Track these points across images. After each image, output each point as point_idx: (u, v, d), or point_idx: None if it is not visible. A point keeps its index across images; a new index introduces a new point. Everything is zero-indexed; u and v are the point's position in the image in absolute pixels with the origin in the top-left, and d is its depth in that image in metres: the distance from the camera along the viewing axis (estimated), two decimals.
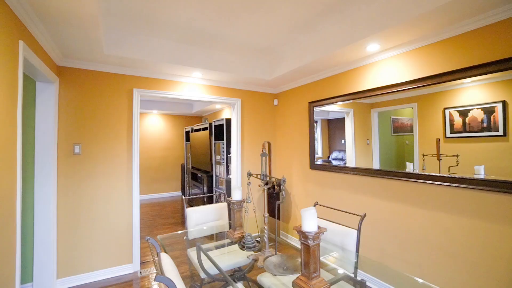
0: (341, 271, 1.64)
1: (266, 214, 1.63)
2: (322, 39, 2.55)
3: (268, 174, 1.59)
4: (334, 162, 3.04)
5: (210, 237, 2.33)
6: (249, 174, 1.71)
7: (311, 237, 1.18)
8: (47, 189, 2.44)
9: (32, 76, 2.27)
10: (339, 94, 2.93)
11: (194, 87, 3.40)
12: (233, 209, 1.88)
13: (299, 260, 1.27)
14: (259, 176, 1.62)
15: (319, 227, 1.24)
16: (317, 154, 3.30)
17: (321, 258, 1.72)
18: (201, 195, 3.60)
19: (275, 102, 4.03)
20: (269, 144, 1.67)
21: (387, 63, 2.42)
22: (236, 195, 1.89)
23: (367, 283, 2.42)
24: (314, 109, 3.30)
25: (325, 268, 1.66)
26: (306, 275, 1.22)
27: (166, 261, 1.40)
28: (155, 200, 6.69)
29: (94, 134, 2.76)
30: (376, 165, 2.52)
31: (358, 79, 2.72)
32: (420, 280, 1.38)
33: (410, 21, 1.83)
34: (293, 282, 1.26)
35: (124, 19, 2.31)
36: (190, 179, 6.27)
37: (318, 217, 2.08)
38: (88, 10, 1.68)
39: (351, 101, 2.79)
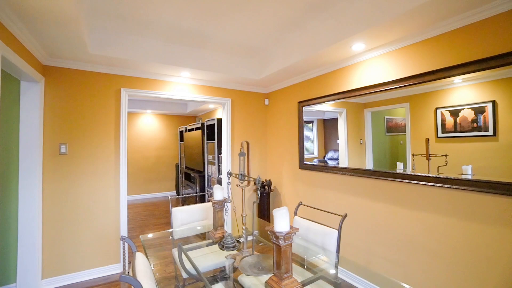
0: (324, 271, 1.63)
1: (245, 214, 1.62)
2: (308, 39, 2.54)
3: (246, 174, 1.58)
4: (330, 162, 3.03)
5: (195, 237, 2.32)
6: (229, 174, 1.70)
7: (282, 237, 1.17)
8: (32, 188, 2.43)
9: (15, 75, 2.25)
10: (326, 94, 2.92)
11: (183, 86, 3.39)
12: (215, 209, 1.87)
13: None
14: (237, 176, 1.61)
15: (291, 227, 1.23)
16: (313, 154, 3.28)
17: (308, 259, 1.71)
18: (192, 195, 3.59)
19: (266, 101, 4.01)
20: (248, 143, 1.66)
21: (373, 62, 2.41)
22: (218, 195, 1.88)
23: (354, 284, 2.41)
24: (303, 108, 3.29)
25: (311, 271, 1.64)
26: (278, 276, 1.21)
27: (140, 261, 1.39)
28: (148, 200, 6.67)
29: (81, 133, 2.75)
30: (369, 165, 2.50)
31: (345, 78, 2.71)
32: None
33: (394, 20, 1.82)
34: (265, 282, 1.25)
35: (110, 19, 2.30)
36: (183, 179, 6.26)
37: (302, 217, 2.07)
38: (66, 9, 1.67)
39: (340, 100, 2.78)
